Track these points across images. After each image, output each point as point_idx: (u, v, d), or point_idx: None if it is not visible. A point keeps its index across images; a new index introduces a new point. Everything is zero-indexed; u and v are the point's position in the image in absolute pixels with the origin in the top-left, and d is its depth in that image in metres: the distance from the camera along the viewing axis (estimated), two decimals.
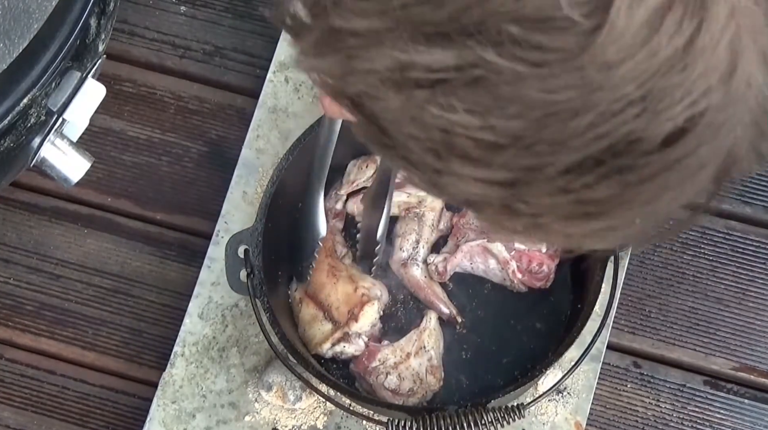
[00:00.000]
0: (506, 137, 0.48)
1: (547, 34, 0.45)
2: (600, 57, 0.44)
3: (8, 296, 1.28)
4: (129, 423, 1.25)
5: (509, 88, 0.46)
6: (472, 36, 0.46)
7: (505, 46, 0.45)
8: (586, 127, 0.46)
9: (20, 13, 0.89)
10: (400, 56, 0.48)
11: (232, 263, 1.13)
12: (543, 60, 0.45)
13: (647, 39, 0.44)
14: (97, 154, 1.23)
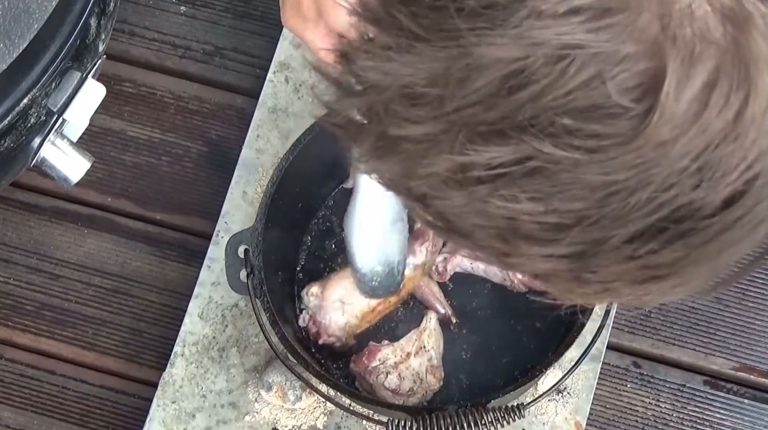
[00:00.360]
0: (570, 218, 0.49)
1: (601, 122, 0.46)
2: (654, 138, 0.45)
3: (8, 296, 1.28)
4: (129, 423, 1.25)
5: (569, 175, 0.47)
6: (527, 130, 0.47)
7: (560, 137, 0.47)
8: (647, 201, 0.47)
9: (20, 13, 0.89)
10: (459, 158, 0.49)
11: (232, 263, 1.13)
12: (599, 146, 0.46)
13: (698, 115, 0.45)
14: (97, 154, 1.23)
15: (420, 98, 0.49)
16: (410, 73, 0.49)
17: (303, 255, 1.23)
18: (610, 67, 0.45)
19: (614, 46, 0.45)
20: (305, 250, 1.23)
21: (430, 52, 0.48)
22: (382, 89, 0.50)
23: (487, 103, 0.47)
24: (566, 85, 0.46)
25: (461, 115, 0.48)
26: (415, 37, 0.49)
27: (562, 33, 0.45)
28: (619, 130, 0.46)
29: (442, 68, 0.48)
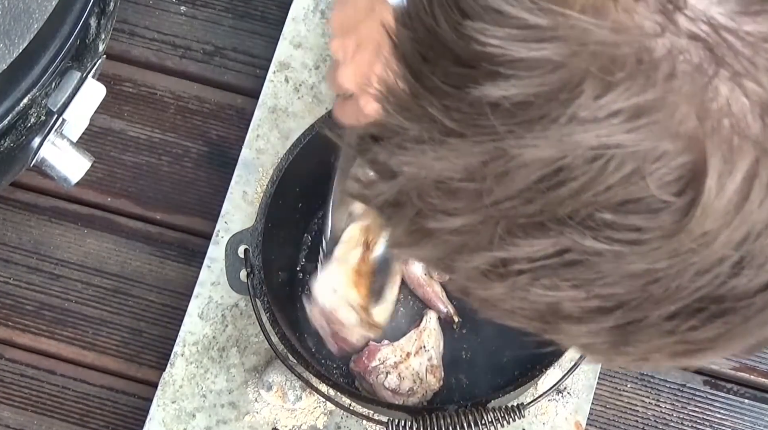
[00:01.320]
0: (612, 301, 0.49)
1: (642, 216, 0.46)
2: (697, 230, 0.46)
3: (8, 296, 1.28)
4: (129, 423, 1.25)
5: (610, 265, 0.48)
6: (567, 223, 0.47)
7: (601, 231, 0.47)
8: (687, 285, 0.48)
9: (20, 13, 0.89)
10: (499, 254, 0.49)
11: (232, 263, 1.13)
12: (640, 239, 0.47)
13: (739, 207, 0.46)
14: (97, 154, 1.23)
15: (456, 191, 0.49)
16: (445, 167, 0.49)
17: (303, 255, 1.23)
18: (649, 164, 0.45)
19: (653, 144, 0.45)
20: (305, 250, 1.23)
21: (465, 147, 0.48)
22: (416, 180, 0.50)
23: (526, 198, 0.47)
24: (605, 181, 0.46)
25: (500, 209, 0.48)
26: (448, 131, 0.48)
27: (602, 135, 0.45)
28: (660, 224, 0.46)
29: (479, 164, 0.48)
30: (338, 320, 1.13)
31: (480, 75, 0.46)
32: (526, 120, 0.46)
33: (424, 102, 0.49)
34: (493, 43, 0.46)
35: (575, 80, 0.45)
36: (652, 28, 0.44)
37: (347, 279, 1.13)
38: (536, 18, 0.45)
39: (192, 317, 1.23)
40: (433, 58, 0.49)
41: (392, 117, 0.50)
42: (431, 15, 0.49)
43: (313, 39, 1.31)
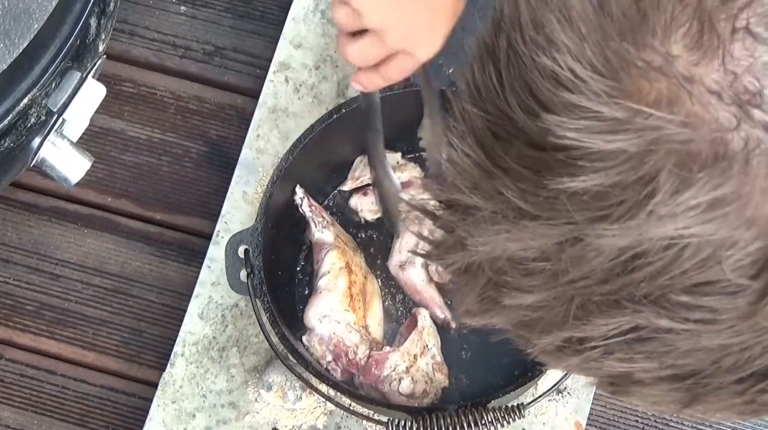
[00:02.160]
0: (685, 371, 0.50)
1: (717, 299, 0.47)
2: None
3: (8, 296, 1.28)
4: (129, 423, 1.25)
5: (684, 342, 0.48)
6: (642, 303, 0.48)
7: (676, 312, 0.47)
8: (759, 355, 0.49)
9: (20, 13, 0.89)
10: (573, 332, 0.50)
11: (232, 263, 1.13)
12: (716, 319, 0.47)
13: None
14: (97, 154, 1.23)
15: (531, 270, 0.49)
16: (520, 247, 0.49)
17: (303, 255, 1.23)
18: (724, 251, 0.46)
19: (728, 233, 0.45)
20: (305, 250, 1.23)
21: (541, 229, 0.48)
22: (490, 256, 0.50)
23: (602, 280, 0.48)
24: (681, 266, 0.46)
25: (575, 288, 0.49)
26: (523, 213, 0.48)
27: (679, 227, 0.45)
28: (735, 306, 0.47)
29: (554, 246, 0.48)
30: (343, 343, 1.14)
31: (556, 164, 0.47)
32: (603, 210, 0.46)
33: (497, 182, 0.49)
34: (569, 136, 0.46)
35: (652, 174, 0.45)
36: (728, 121, 0.44)
37: (341, 304, 1.14)
38: (612, 111, 0.45)
39: (192, 317, 1.23)
40: (505, 137, 0.49)
41: (465, 195, 0.50)
42: (504, 99, 0.49)
43: (313, 39, 1.31)
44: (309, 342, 1.14)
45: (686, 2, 0.45)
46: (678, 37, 0.45)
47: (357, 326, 1.14)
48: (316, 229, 1.18)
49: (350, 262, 1.16)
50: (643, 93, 0.45)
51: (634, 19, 0.46)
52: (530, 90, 0.48)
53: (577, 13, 0.47)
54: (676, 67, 0.45)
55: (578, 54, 0.46)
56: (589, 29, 0.46)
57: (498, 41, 0.50)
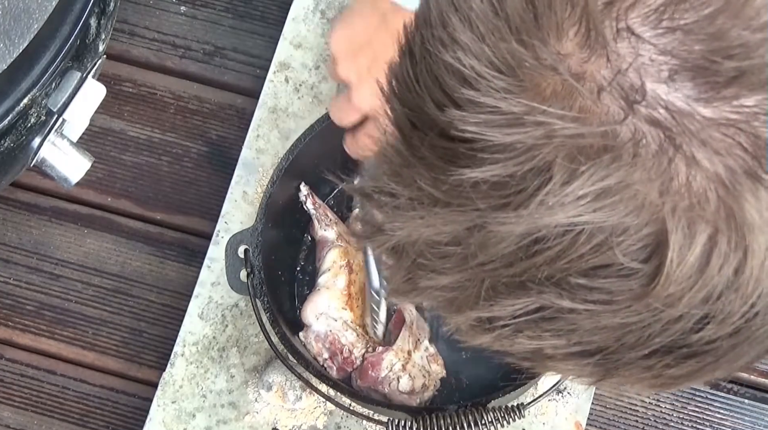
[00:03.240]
0: (591, 347, 0.53)
1: (612, 281, 0.50)
2: (662, 293, 0.49)
3: (8, 296, 1.28)
4: (129, 423, 1.25)
5: (586, 321, 0.52)
6: (545, 285, 0.51)
7: (576, 293, 0.51)
8: (658, 333, 0.52)
9: (20, 13, 0.89)
10: (484, 314, 0.54)
11: (232, 263, 1.13)
12: (612, 300, 0.51)
13: (701, 272, 0.49)
14: (97, 154, 1.23)
15: (445, 253, 0.52)
16: (433, 232, 0.52)
17: (303, 255, 1.23)
18: (615, 236, 0.49)
19: (618, 220, 0.48)
20: (305, 250, 1.23)
21: (451, 216, 0.51)
22: (408, 239, 0.54)
23: (507, 262, 0.51)
24: (577, 251, 0.49)
25: (484, 270, 0.52)
26: (435, 200, 0.51)
27: (570, 216, 0.48)
28: (629, 287, 0.50)
29: (464, 231, 0.51)
30: (338, 341, 1.14)
31: (461, 156, 0.50)
32: (502, 198, 0.49)
33: (413, 171, 0.52)
34: (470, 130, 0.49)
35: (544, 166, 0.48)
36: (616, 114, 0.48)
37: (339, 302, 1.14)
38: (509, 106, 0.48)
39: (192, 317, 1.23)
40: (421, 128, 0.52)
41: (385, 182, 0.54)
42: (416, 93, 0.52)
43: (313, 39, 1.31)
44: (306, 339, 1.14)
45: (575, 3, 0.48)
46: (570, 36, 0.48)
47: (354, 324, 1.15)
48: (320, 226, 1.18)
49: (351, 261, 1.16)
50: (539, 89, 0.48)
51: (528, 20, 0.49)
52: (439, 85, 0.51)
53: (476, 14, 0.50)
54: (568, 64, 0.48)
55: (478, 52, 0.49)
56: (487, 29, 0.50)
57: (414, 37, 0.53)
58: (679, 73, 0.48)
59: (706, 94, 0.48)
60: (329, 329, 1.14)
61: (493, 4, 0.50)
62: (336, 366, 1.14)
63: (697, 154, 0.47)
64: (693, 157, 0.47)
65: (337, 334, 1.14)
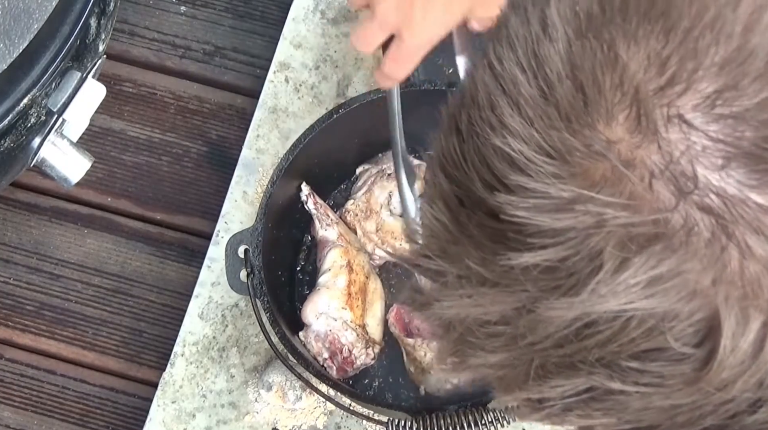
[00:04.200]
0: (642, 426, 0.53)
1: (664, 365, 0.50)
2: (715, 378, 0.49)
3: (8, 296, 1.28)
4: (129, 423, 1.25)
5: (638, 402, 0.51)
6: (596, 366, 0.51)
7: (627, 375, 0.50)
8: (710, 413, 0.51)
9: (20, 13, 0.89)
10: (534, 395, 0.53)
11: (232, 263, 1.13)
12: (664, 383, 0.50)
13: (754, 358, 0.49)
14: (97, 154, 1.23)
15: (494, 332, 0.52)
16: (482, 312, 0.52)
17: (303, 255, 1.23)
18: (667, 322, 0.48)
19: (670, 306, 0.48)
20: (305, 250, 1.23)
21: (499, 296, 0.51)
22: (457, 317, 0.53)
23: (557, 344, 0.51)
24: (629, 335, 0.49)
25: (533, 350, 0.51)
26: (484, 280, 0.51)
27: (621, 303, 0.48)
28: (681, 372, 0.50)
29: (512, 312, 0.51)
30: (338, 340, 1.14)
31: (510, 239, 0.49)
32: (552, 283, 0.49)
33: (461, 249, 0.52)
34: (520, 215, 0.49)
35: (595, 254, 0.48)
36: (668, 201, 0.47)
37: (339, 302, 1.14)
38: (559, 191, 0.48)
39: (192, 317, 1.23)
40: (469, 206, 0.52)
41: (432, 258, 0.53)
42: (464, 171, 0.52)
43: (313, 39, 1.31)
44: (306, 338, 1.14)
45: (625, 90, 0.48)
46: (620, 120, 0.48)
47: (354, 324, 1.15)
48: (320, 226, 1.18)
49: (352, 261, 1.16)
50: (588, 175, 0.48)
51: (578, 105, 0.48)
52: (488, 167, 0.50)
53: (525, 98, 0.50)
54: (618, 150, 0.48)
55: (527, 137, 0.49)
56: (536, 114, 0.49)
57: (461, 115, 0.53)
58: (732, 160, 0.47)
59: (758, 181, 0.47)
60: (329, 329, 1.14)
61: (542, 89, 0.49)
62: (336, 366, 1.14)
63: (750, 241, 0.47)
64: (746, 244, 0.47)
65: (337, 334, 1.14)
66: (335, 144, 1.18)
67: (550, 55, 0.49)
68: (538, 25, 0.50)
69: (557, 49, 0.49)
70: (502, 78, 0.51)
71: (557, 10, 0.50)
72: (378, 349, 1.16)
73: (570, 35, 0.49)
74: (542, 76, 0.49)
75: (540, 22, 0.50)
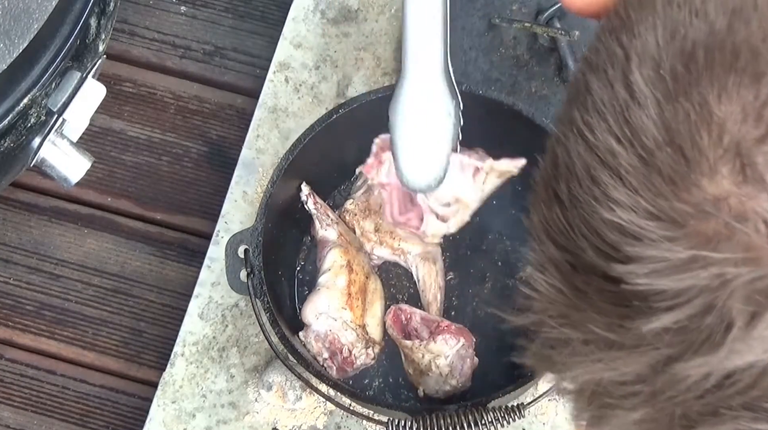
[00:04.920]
0: None
1: None
2: None
3: (8, 296, 1.28)
4: (129, 423, 1.25)
5: None
6: (741, 411, 0.50)
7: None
8: None
9: (20, 13, 0.89)
10: None
11: (232, 263, 1.13)
12: None
13: None
14: (97, 154, 1.23)
15: (630, 391, 0.51)
16: (615, 374, 0.51)
17: (303, 255, 1.23)
18: None
19: None
20: (305, 250, 1.23)
21: (631, 358, 0.50)
22: (590, 382, 0.53)
23: (697, 395, 0.50)
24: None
25: (674, 402, 0.51)
26: (611, 343, 0.51)
27: (758, 353, 0.47)
28: None
29: (647, 371, 0.50)
30: (338, 340, 1.14)
31: (633, 306, 0.49)
32: (685, 343, 0.48)
33: (583, 315, 0.51)
34: (640, 282, 0.48)
35: (724, 311, 0.47)
36: None
37: (339, 302, 1.14)
38: (675, 254, 0.47)
39: (192, 317, 1.23)
40: (583, 271, 0.51)
41: (553, 325, 0.53)
42: (573, 239, 0.51)
43: (313, 39, 1.31)
44: (305, 338, 1.14)
45: (725, 145, 0.47)
46: (725, 175, 0.47)
47: (353, 324, 1.15)
48: (320, 226, 1.18)
49: (352, 261, 1.16)
50: (701, 234, 0.47)
51: (680, 168, 0.48)
52: (599, 237, 0.50)
53: (625, 169, 0.49)
54: (728, 205, 0.47)
55: (634, 206, 0.49)
56: (639, 182, 0.49)
57: (559, 184, 0.52)
58: None
59: None
60: (329, 329, 1.14)
61: (641, 157, 0.49)
62: (336, 366, 1.14)
63: None
64: None
65: (337, 334, 1.14)
66: (335, 144, 1.18)
67: (644, 121, 0.49)
68: (623, 90, 0.50)
69: (649, 114, 0.49)
70: (597, 149, 0.50)
71: (641, 74, 0.50)
72: (378, 349, 1.16)
73: (660, 99, 0.49)
74: (639, 144, 0.49)
75: (625, 87, 0.50)
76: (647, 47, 0.50)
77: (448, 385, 1.14)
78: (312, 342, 1.14)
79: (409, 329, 1.17)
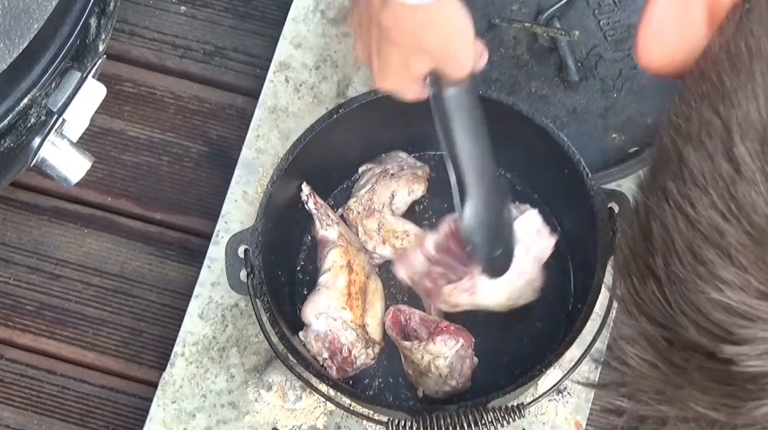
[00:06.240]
0: None
1: None
2: None
3: (8, 296, 1.28)
4: (129, 423, 1.25)
5: None
6: None
7: None
8: None
9: (20, 13, 0.89)
10: None
11: (232, 263, 1.13)
12: None
13: None
14: (97, 154, 1.23)
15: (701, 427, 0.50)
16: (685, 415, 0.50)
17: (303, 255, 1.23)
18: None
19: None
20: (305, 250, 1.23)
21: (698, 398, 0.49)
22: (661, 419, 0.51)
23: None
24: None
25: None
26: (714, 422, 0.49)
27: None
28: None
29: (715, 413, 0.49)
30: (338, 340, 1.14)
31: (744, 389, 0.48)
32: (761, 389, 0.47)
33: (683, 393, 0.49)
34: (753, 364, 0.47)
35: None
36: None
37: (339, 302, 1.14)
38: None
39: (192, 317, 1.23)
40: (681, 347, 0.49)
41: (652, 406, 0.51)
42: (672, 316, 0.49)
43: (313, 39, 1.31)
44: (305, 338, 1.14)
45: None
46: None
47: (353, 324, 1.15)
48: (321, 226, 1.18)
49: (352, 261, 1.16)
50: None
51: None
52: (703, 316, 0.48)
53: (734, 247, 0.47)
54: None
55: (744, 285, 0.47)
56: (749, 261, 0.47)
57: (654, 259, 0.50)
58: None
59: None
60: (329, 329, 1.14)
61: (751, 235, 0.47)
62: (336, 366, 1.14)
63: None
64: None
65: (337, 334, 1.14)
66: (335, 144, 1.18)
67: (752, 197, 0.47)
68: (726, 164, 0.48)
69: (759, 191, 0.47)
70: (700, 224, 0.48)
71: (745, 147, 0.48)
72: (378, 349, 1.16)
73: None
74: (748, 221, 0.47)
75: (728, 161, 0.48)
76: (750, 118, 0.48)
77: (448, 386, 1.14)
78: (312, 342, 1.14)
79: (409, 329, 1.17)
